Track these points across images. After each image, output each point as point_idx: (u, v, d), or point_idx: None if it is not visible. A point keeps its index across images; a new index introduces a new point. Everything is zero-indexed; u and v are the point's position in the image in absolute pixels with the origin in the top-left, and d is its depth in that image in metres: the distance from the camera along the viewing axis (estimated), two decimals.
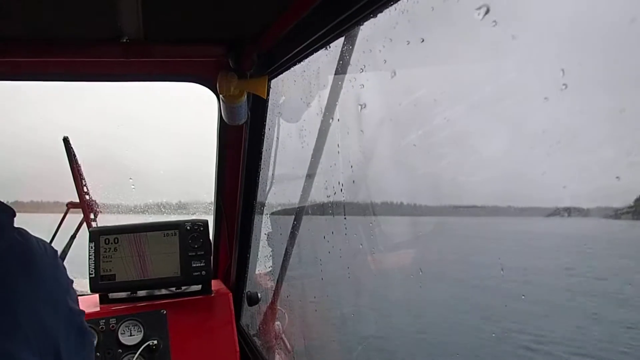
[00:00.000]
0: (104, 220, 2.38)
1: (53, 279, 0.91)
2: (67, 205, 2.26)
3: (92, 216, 2.28)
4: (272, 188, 1.89)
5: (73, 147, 2.15)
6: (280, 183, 1.86)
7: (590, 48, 0.72)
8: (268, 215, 1.99)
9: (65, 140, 2.13)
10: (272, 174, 1.85)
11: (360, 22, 1.03)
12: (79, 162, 2.18)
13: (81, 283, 2.23)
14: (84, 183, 2.20)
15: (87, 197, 2.22)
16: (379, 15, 0.95)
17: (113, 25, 1.38)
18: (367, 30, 1.04)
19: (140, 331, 1.88)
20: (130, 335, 1.87)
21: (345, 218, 1.33)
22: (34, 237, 0.93)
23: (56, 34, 1.44)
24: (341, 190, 1.28)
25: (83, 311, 0.97)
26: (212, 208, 2.12)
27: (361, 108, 1.19)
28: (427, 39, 0.90)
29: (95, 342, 1.83)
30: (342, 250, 1.42)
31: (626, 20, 0.60)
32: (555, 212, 1.01)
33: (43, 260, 0.90)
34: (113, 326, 1.87)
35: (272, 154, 1.79)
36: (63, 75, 1.64)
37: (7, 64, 1.58)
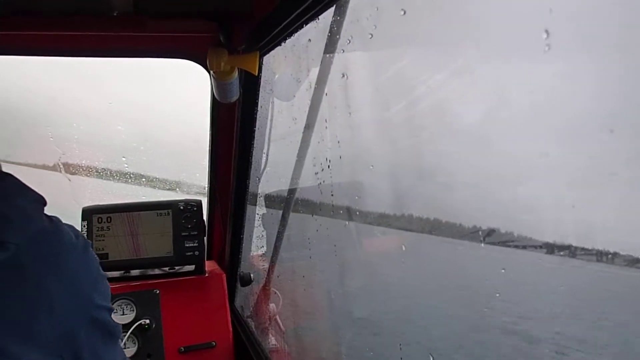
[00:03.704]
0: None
1: (80, 273, 0.86)
2: None
3: None
4: (266, 167, 1.86)
5: None
6: (274, 162, 1.83)
7: None
8: (262, 196, 1.96)
9: None
10: (267, 153, 1.82)
11: None
12: None
13: None
14: None
15: None
16: None
17: None
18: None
19: (133, 310, 1.87)
20: (123, 314, 1.87)
21: (332, 195, 1.30)
22: (66, 226, 0.87)
23: (44, 7, 1.41)
24: (329, 167, 1.25)
25: (111, 308, 0.92)
26: (206, 188, 2.10)
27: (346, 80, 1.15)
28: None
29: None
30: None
31: None
32: None
33: (71, 253, 0.85)
34: None
35: (267, 133, 1.76)
36: (52, 51, 1.61)
37: None
